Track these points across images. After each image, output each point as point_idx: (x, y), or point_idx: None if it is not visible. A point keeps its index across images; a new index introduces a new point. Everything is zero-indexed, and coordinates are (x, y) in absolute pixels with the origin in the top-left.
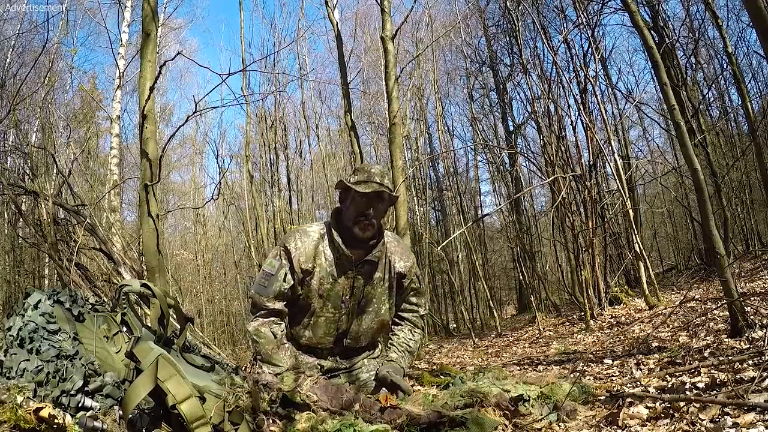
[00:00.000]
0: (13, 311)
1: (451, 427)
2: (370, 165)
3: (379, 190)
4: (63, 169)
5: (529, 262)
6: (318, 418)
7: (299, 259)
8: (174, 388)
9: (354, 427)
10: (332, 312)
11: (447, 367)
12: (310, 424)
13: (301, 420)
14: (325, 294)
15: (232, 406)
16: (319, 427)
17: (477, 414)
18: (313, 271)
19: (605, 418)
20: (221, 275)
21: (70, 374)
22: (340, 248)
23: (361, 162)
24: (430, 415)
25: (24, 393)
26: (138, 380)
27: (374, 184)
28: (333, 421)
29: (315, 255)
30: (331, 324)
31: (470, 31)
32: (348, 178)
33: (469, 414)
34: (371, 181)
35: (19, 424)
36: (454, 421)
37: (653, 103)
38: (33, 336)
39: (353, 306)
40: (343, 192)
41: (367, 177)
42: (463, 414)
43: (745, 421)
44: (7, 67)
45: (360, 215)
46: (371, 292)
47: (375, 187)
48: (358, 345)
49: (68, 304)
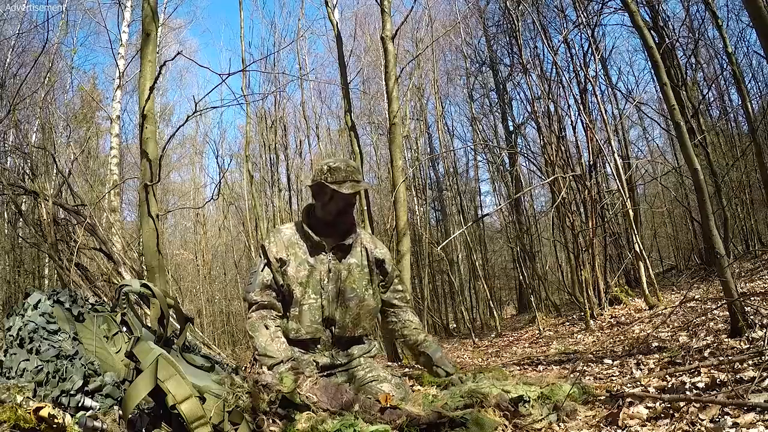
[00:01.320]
0: (13, 311)
1: (452, 427)
2: (344, 162)
3: (357, 190)
4: (63, 169)
5: (529, 262)
6: (318, 418)
7: (273, 250)
8: (174, 388)
9: (354, 427)
10: (314, 298)
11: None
12: (310, 425)
13: (301, 420)
14: (304, 281)
15: (232, 406)
16: (319, 427)
17: (477, 415)
18: (287, 260)
19: (605, 418)
20: (221, 275)
21: (69, 374)
22: (312, 237)
23: (361, 162)
24: (430, 415)
25: (24, 393)
26: (138, 380)
27: (355, 184)
28: (333, 421)
29: (288, 246)
30: (315, 311)
31: (470, 31)
32: (325, 178)
33: (469, 414)
34: (351, 180)
35: (19, 424)
36: (454, 422)
37: (653, 103)
38: (33, 336)
39: (334, 292)
40: (319, 191)
41: (345, 176)
42: (463, 414)
43: (745, 421)
44: (7, 67)
45: (341, 213)
46: (350, 278)
47: (357, 188)
48: (347, 334)
49: (68, 304)
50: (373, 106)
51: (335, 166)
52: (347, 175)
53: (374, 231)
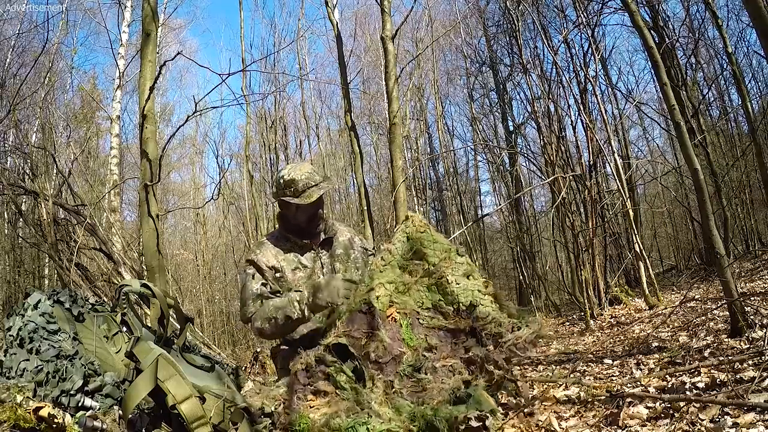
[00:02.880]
0: (13, 311)
1: (454, 404)
2: (298, 171)
3: (320, 194)
4: (63, 169)
5: (529, 262)
6: (331, 411)
7: (264, 260)
8: (174, 388)
9: (367, 425)
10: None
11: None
12: (326, 418)
13: (320, 406)
14: (304, 282)
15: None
16: (332, 422)
17: (479, 393)
18: (280, 266)
19: (605, 418)
20: (221, 275)
21: (69, 374)
22: (296, 241)
23: (361, 162)
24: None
25: (24, 392)
26: (138, 380)
27: (314, 191)
28: (347, 419)
29: (276, 254)
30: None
31: (470, 31)
32: (284, 193)
33: (472, 390)
34: (309, 188)
35: (19, 424)
36: (458, 399)
37: (653, 103)
38: (33, 336)
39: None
40: (284, 205)
41: (304, 185)
42: (467, 392)
43: (745, 421)
44: (7, 67)
45: (311, 219)
46: (342, 267)
47: (318, 193)
48: None
49: (68, 304)
50: (373, 106)
51: (290, 178)
52: (305, 184)
53: (374, 231)
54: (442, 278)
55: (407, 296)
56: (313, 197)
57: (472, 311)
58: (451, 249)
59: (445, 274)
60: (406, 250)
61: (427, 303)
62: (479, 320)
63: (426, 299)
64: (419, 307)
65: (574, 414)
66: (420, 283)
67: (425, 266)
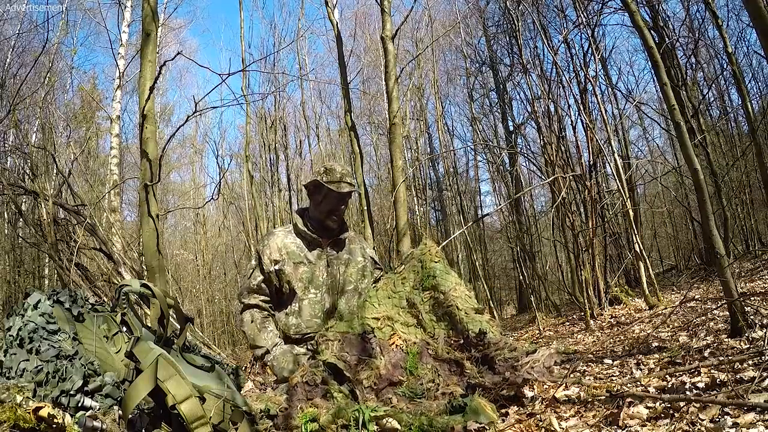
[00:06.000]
0: (13, 311)
1: (451, 413)
2: (338, 165)
3: (350, 190)
4: (63, 169)
5: (529, 262)
6: (342, 402)
7: (267, 252)
8: (174, 388)
9: (371, 409)
10: (314, 293)
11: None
12: (335, 410)
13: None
14: (304, 277)
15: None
16: (341, 412)
17: (476, 402)
18: (282, 259)
19: (605, 418)
20: (221, 275)
21: (69, 374)
22: (308, 234)
23: (361, 162)
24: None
25: (24, 393)
26: (138, 380)
27: (346, 185)
28: (351, 408)
29: (282, 247)
30: (315, 305)
31: (470, 31)
32: (321, 178)
33: (468, 400)
34: (343, 181)
35: (19, 424)
36: (455, 408)
37: (653, 103)
38: (33, 336)
39: (333, 285)
40: (314, 189)
41: (340, 177)
42: (463, 401)
43: (745, 421)
44: (7, 67)
45: (333, 211)
46: (347, 271)
47: (348, 188)
48: None
49: (68, 304)
50: (373, 106)
51: (330, 167)
52: (341, 177)
53: (374, 231)
54: (450, 307)
55: (418, 328)
56: (344, 189)
57: (482, 338)
58: (461, 283)
59: (454, 303)
60: (418, 281)
61: (438, 333)
62: (491, 346)
63: (437, 329)
64: (430, 338)
65: (574, 414)
66: (431, 312)
67: (435, 295)
